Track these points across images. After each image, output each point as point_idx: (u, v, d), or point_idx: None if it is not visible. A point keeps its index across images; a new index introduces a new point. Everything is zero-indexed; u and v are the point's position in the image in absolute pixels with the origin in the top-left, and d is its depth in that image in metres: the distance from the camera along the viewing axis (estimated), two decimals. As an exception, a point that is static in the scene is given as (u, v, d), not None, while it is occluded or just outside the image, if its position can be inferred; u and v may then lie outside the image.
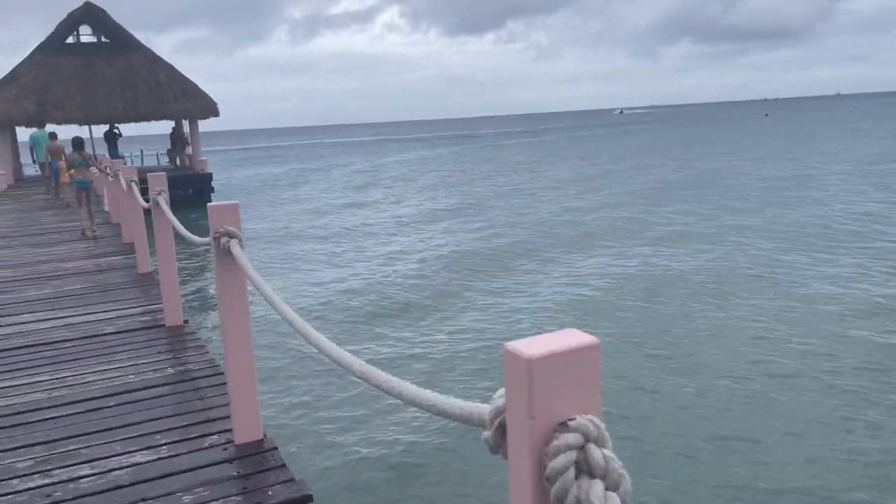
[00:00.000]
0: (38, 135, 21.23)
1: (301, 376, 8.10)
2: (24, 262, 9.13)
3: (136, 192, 7.41)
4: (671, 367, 7.84)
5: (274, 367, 8.38)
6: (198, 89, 27.17)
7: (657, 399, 7.00)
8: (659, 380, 7.47)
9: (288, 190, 34.43)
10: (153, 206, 5.54)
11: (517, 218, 20.37)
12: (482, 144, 76.01)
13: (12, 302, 6.85)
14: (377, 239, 18.35)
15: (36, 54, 26.01)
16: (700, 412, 6.64)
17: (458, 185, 31.65)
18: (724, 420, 6.47)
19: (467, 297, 11.63)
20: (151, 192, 5.52)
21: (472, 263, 14.22)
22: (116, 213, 12.71)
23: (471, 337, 9.38)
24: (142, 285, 7.38)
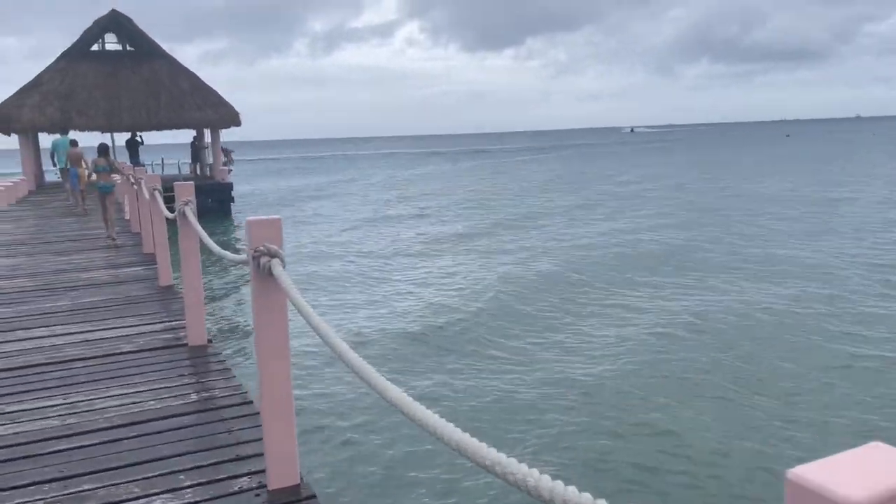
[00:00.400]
0: (60, 141, 21.13)
1: (343, 412, 7.37)
2: (42, 270, 8.82)
3: (160, 201, 7.08)
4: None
5: (312, 400, 7.63)
6: (220, 98, 27.05)
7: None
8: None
9: (310, 202, 33.58)
10: (179, 217, 5.18)
11: (561, 240, 19.08)
12: (501, 160, 75.64)
13: (28, 314, 6.51)
14: (414, 259, 17.12)
15: (61, 61, 26.02)
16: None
17: (485, 202, 30.39)
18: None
19: (527, 328, 10.40)
20: (178, 202, 5.17)
21: (525, 290, 12.84)
22: (137, 222, 12.42)
23: (544, 378, 8.17)
24: (163, 299, 7.03)
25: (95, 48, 27.04)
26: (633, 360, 8.67)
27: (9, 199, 18.12)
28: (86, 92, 25.34)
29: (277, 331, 3.06)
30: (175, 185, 5.23)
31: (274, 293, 3.02)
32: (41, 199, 20.81)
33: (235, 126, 27.35)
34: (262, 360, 3.07)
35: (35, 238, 12.02)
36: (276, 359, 3.07)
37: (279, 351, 3.07)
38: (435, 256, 17.34)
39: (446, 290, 13.29)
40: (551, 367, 8.59)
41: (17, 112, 24.40)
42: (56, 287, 7.72)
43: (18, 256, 10.01)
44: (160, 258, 7.60)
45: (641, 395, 7.54)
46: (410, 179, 48.62)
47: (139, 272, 8.51)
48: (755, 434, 6.49)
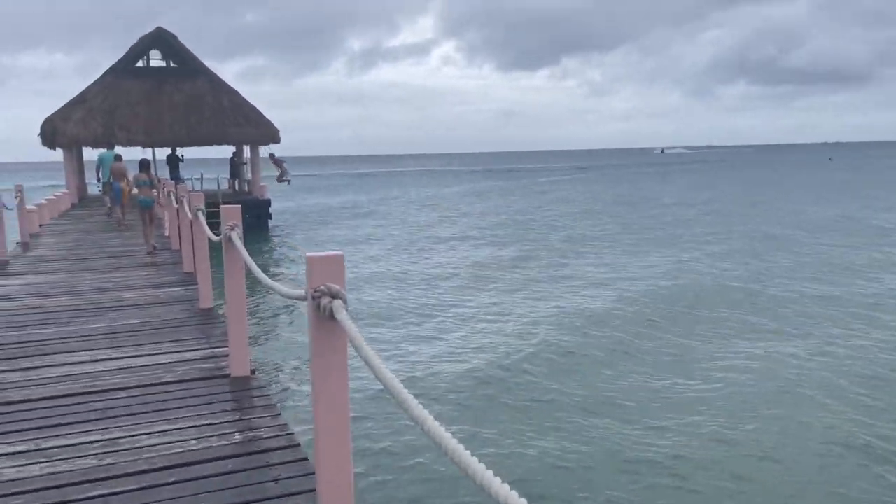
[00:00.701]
0: (106, 155, 21.40)
1: (407, 466, 6.74)
2: (82, 288, 8.70)
3: (203, 222, 6.89)
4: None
5: (368, 454, 6.96)
6: (260, 115, 27.23)
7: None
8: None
9: (349, 220, 32.98)
10: (225, 242, 4.95)
11: (617, 268, 17.69)
12: (536, 179, 75.04)
13: (68, 336, 6.33)
14: (465, 287, 15.79)
15: (106, 76, 26.45)
16: None
17: (529, 223, 29.48)
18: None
19: (601, 375, 9.21)
20: (224, 225, 4.94)
21: (590, 328, 11.52)
22: (177, 240, 12.34)
23: (634, 440, 7.10)
24: (203, 323, 6.81)
25: (140, 64, 27.46)
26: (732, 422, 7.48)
27: (52, 213, 18.30)
28: (129, 107, 25.69)
29: (338, 379, 2.77)
30: (222, 209, 5.00)
31: (335, 338, 2.73)
32: (83, 212, 21.01)
33: (275, 143, 27.49)
34: (319, 411, 2.77)
35: (76, 254, 11.99)
36: (335, 410, 2.78)
37: (338, 402, 2.78)
38: (486, 285, 16.08)
39: (504, 325, 12.24)
40: (640, 424, 7.60)
41: (62, 126, 24.82)
42: (96, 307, 7.57)
43: (59, 273, 9.94)
44: (201, 280, 7.41)
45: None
46: (448, 198, 47.98)
47: (179, 293, 8.33)
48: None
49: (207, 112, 26.33)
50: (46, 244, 13.36)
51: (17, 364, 5.49)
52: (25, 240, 13.62)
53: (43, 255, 11.89)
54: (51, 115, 25.20)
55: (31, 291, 8.56)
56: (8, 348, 5.97)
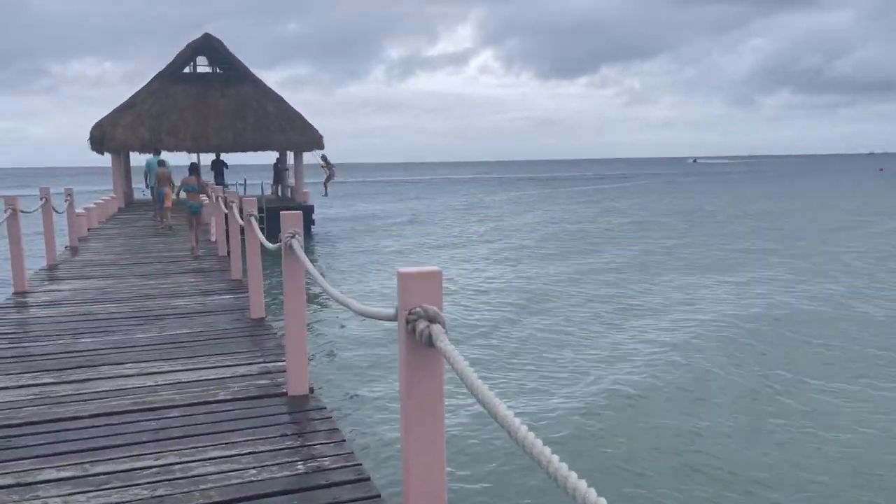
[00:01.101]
0: (153, 161, 21.61)
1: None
2: (130, 295, 8.50)
3: (256, 228, 6.60)
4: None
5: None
6: (304, 121, 27.20)
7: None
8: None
9: (398, 228, 31.77)
10: (286, 251, 4.61)
11: (706, 292, 15.32)
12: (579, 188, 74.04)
13: (116, 346, 6.08)
14: (544, 309, 13.90)
15: (154, 82, 26.71)
16: None
17: (586, 236, 27.50)
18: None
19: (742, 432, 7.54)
20: (284, 233, 4.60)
21: (711, 369, 9.66)
22: (225, 246, 12.16)
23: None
24: (255, 334, 6.50)
25: (187, 70, 27.68)
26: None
27: (100, 217, 18.38)
28: (176, 113, 25.87)
29: (433, 414, 2.38)
30: (282, 215, 4.67)
31: (432, 367, 2.35)
32: (130, 217, 21.13)
33: (318, 149, 27.42)
34: (410, 449, 2.38)
35: (124, 258, 11.88)
36: (430, 449, 2.39)
37: (433, 439, 2.39)
38: (565, 305, 14.17)
39: (599, 349, 10.77)
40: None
41: (111, 131, 25.09)
42: (145, 315, 7.33)
43: (108, 279, 9.79)
44: (253, 289, 7.11)
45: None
46: (492, 206, 46.80)
47: (229, 301, 8.06)
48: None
49: (252, 118, 26.39)
50: (94, 248, 13.31)
51: (67, 376, 5.23)
52: (74, 244, 13.60)
53: (91, 259, 11.81)
54: (100, 121, 25.50)
55: (79, 297, 8.38)
56: (59, 358, 5.73)
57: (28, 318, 7.24)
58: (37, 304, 8.03)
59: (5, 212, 8.49)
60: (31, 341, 6.31)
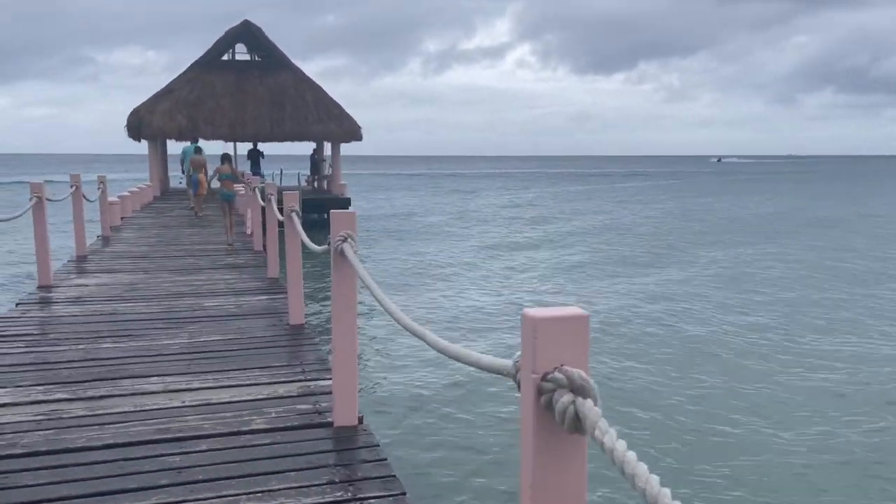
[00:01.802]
0: (190, 149, 21.30)
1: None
2: (160, 293, 7.90)
3: (299, 226, 5.89)
4: None
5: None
6: (343, 112, 26.58)
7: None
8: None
9: (450, 226, 29.37)
10: (336, 255, 3.89)
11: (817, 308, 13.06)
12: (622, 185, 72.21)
13: (140, 354, 5.43)
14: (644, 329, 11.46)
15: (192, 69, 26.33)
16: None
17: (646, 238, 24.83)
18: None
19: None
20: (335, 235, 3.88)
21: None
22: (261, 240, 11.56)
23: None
24: (294, 344, 5.81)
25: (226, 58, 27.26)
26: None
27: (134, 206, 17.97)
28: (213, 101, 25.45)
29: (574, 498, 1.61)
30: (332, 215, 3.94)
31: (572, 454, 1.58)
32: (165, 205, 20.74)
33: (356, 140, 26.80)
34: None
35: (156, 251, 11.34)
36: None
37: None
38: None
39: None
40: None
41: (148, 118, 24.76)
42: (174, 317, 6.70)
43: (137, 273, 9.22)
44: (292, 293, 6.43)
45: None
46: (541, 204, 44.17)
47: (265, 303, 7.40)
48: None
49: (290, 107, 25.86)
50: (126, 239, 12.82)
51: (83, 391, 4.59)
52: (106, 233, 13.13)
53: (122, 251, 11.29)
54: (137, 107, 25.19)
55: (105, 294, 7.80)
56: (75, 367, 5.11)
57: (48, 318, 6.67)
58: (60, 300, 7.47)
59: (31, 199, 7.94)
60: (49, 345, 5.71)
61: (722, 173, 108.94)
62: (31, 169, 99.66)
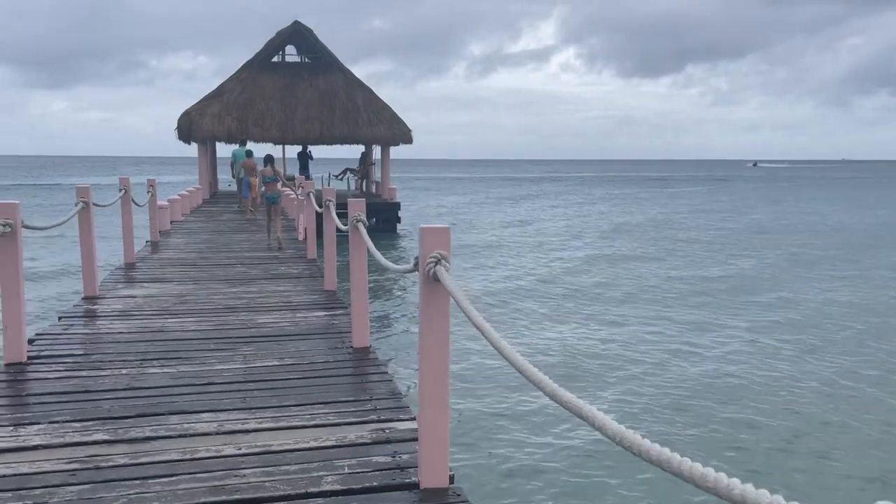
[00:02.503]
0: (239, 151, 21.07)
1: None
2: (211, 306, 7.32)
3: (366, 238, 5.19)
4: None
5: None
6: (393, 115, 26.02)
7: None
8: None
9: (518, 234, 27.09)
10: (426, 279, 3.17)
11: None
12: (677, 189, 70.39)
13: (192, 383, 4.80)
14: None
15: (242, 71, 26.09)
16: None
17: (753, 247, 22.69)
18: None
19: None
20: (425, 256, 3.16)
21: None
22: (314, 246, 10.96)
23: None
24: (362, 373, 5.12)
25: (276, 60, 26.97)
26: None
27: (184, 209, 17.65)
28: (263, 103, 25.15)
29: None
30: (423, 231, 3.23)
31: None
32: (214, 209, 20.45)
33: (407, 143, 26.23)
34: None
35: (205, 258, 10.84)
36: None
37: None
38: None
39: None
40: None
41: (198, 120, 24.57)
42: (226, 337, 6.08)
43: (186, 283, 8.68)
44: (357, 312, 5.74)
45: None
46: (607, 209, 41.59)
47: (324, 321, 6.74)
48: None
49: (340, 109, 25.40)
50: (176, 245, 12.39)
51: (125, 430, 3.96)
52: (155, 238, 12.73)
53: (171, 258, 10.81)
54: (188, 109, 25.03)
55: (153, 307, 7.25)
56: (119, 398, 4.50)
57: (91, 336, 6.11)
58: (105, 314, 6.94)
59: (76, 204, 7.45)
60: (91, 368, 5.13)
61: (769, 178, 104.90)
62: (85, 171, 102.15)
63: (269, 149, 24.34)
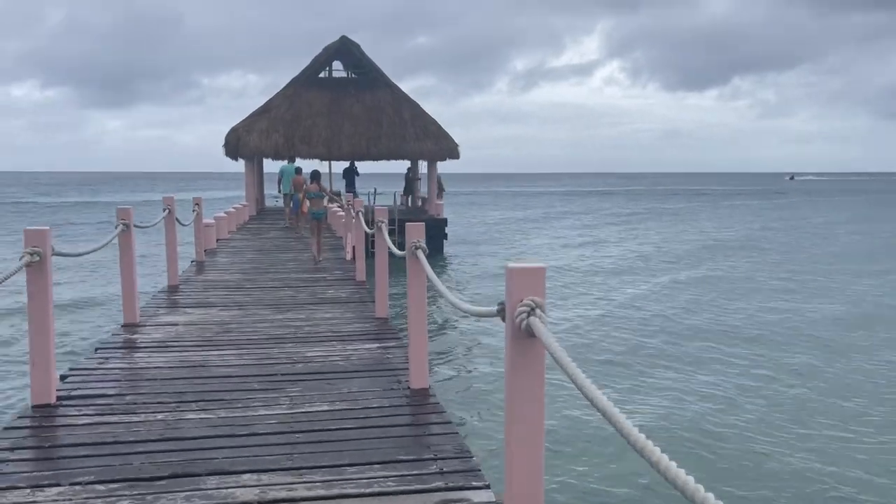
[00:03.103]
0: (288, 167, 20.93)
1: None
2: (255, 336, 6.81)
3: (427, 267, 4.59)
4: None
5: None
6: (440, 129, 25.57)
7: None
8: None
9: (593, 259, 24.85)
10: (516, 334, 2.55)
11: None
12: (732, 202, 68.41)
13: (233, 433, 4.24)
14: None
15: (290, 87, 25.98)
16: None
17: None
18: None
19: None
20: (514, 301, 2.54)
21: None
22: (361, 267, 10.44)
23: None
24: (422, 422, 4.50)
25: (323, 75, 26.81)
26: None
27: (230, 227, 17.40)
28: (310, 119, 24.97)
29: None
30: (510, 271, 2.60)
31: None
32: (261, 225, 20.20)
33: (454, 158, 25.72)
34: None
35: (251, 279, 10.40)
36: None
37: None
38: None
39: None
40: None
41: (245, 137, 24.49)
42: (271, 373, 5.54)
43: (230, 308, 8.21)
44: (416, 350, 5.13)
45: None
46: (674, 226, 39.70)
47: (376, 355, 6.15)
48: None
49: (387, 124, 25.05)
50: (221, 265, 12.02)
51: (151, 494, 3.41)
52: (200, 258, 12.39)
53: (215, 280, 10.41)
54: (235, 126, 25.00)
55: (195, 337, 6.78)
56: (148, 451, 3.97)
57: (127, 371, 5.64)
58: (144, 345, 6.48)
59: (116, 227, 7.04)
60: (124, 413, 4.62)
61: (817, 192, 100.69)
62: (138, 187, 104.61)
63: (316, 165, 24.14)
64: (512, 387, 2.65)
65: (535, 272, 2.60)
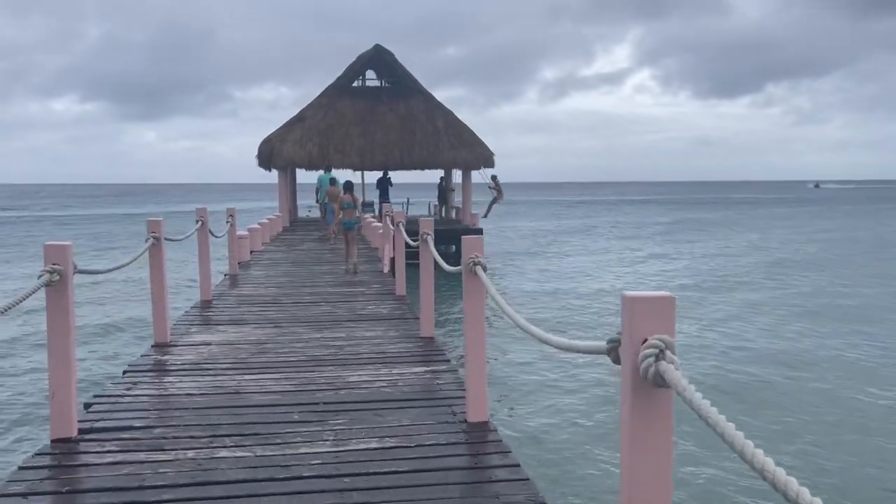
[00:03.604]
0: (324, 177, 20.60)
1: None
2: (293, 358, 6.30)
3: (493, 290, 4.03)
4: None
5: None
6: (475, 138, 25.07)
7: None
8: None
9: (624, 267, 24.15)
10: (638, 381, 1.98)
11: None
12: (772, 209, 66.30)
13: (270, 476, 3.71)
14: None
15: (323, 96, 25.73)
16: None
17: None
18: None
19: None
20: (638, 347, 1.97)
21: None
22: (402, 280, 9.91)
23: None
24: (483, 465, 3.94)
25: (356, 84, 26.51)
26: None
27: (264, 238, 17.05)
28: (343, 129, 24.65)
29: None
30: (627, 300, 2.03)
31: None
32: (295, 237, 19.86)
33: (488, 167, 25.18)
34: None
35: (287, 294, 9.94)
36: None
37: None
38: None
39: None
40: None
41: (279, 147, 24.26)
42: (311, 402, 5.01)
43: (265, 326, 7.74)
44: (473, 382, 4.55)
45: None
46: (728, 237, 37.70)
47: (426, 381, 5.59)
48: None
49: (421, 133, 24.61)
50: (255, 278, 11.60)
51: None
52: (234, 271, 12.00)
53: (250, 294, 9.97)
54: (269, 136, 24.78)
55: (229, 358, 6.30)
56: (176, 499, 3.46)
57: (156, 399, 5.16)
58: (175, 367, 6.02)
59: (146, 240, 6.62)
60: (150, 450, 4.13)
61: (844, 200, 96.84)
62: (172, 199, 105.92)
63: (349, 174, 23.78)
64: (632, 443, 2.07)
65: (663, 303, 2.02)
